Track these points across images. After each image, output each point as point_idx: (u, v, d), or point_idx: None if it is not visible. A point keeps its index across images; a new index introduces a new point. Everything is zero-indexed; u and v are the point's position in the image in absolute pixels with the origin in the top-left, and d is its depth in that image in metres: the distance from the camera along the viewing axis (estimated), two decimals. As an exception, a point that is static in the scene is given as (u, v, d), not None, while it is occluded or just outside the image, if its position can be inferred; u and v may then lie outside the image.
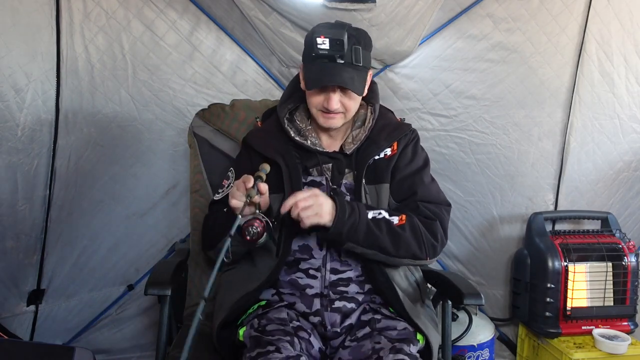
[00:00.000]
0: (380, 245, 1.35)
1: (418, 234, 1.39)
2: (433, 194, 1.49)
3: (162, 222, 2.26)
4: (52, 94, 1.93)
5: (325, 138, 1.52)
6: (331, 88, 1.38)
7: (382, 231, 1.36)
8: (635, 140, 2.32)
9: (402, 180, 1.48)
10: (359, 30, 1.41)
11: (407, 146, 1.52)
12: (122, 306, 2.30)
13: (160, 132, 2.14)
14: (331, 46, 1.32)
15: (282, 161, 1.44)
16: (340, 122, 1.44)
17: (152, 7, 2.01)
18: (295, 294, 1.41)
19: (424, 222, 1.42)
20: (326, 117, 1.43)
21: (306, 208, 1.28)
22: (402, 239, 1.37)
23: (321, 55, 1.34)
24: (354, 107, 1.44)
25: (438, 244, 1.42)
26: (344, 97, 1.40)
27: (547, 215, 2.28)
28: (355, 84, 1.37)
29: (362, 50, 1.37)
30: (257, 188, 1.23)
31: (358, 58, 1.36)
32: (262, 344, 1.23)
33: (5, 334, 1.93)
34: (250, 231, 1.21)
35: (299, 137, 1.49)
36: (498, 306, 2.44)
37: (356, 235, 1.33)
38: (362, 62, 1.37)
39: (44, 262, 2.07)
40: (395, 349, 1.23)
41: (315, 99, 1.43)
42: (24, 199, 1.94)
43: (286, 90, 1.58)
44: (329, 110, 1.40)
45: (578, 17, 2.16)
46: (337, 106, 1.40)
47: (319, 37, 1.32)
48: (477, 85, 2.20)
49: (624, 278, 2.16)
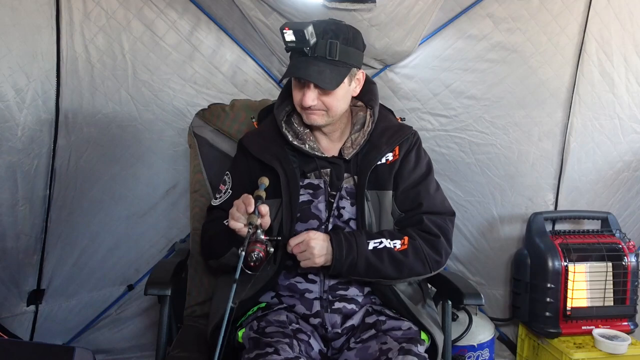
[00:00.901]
0: (383, 274, 1.36)
1: (421, 255, 1.38)
2: (438, 205, 1.46)
3: (162, 222, 2.25)
4: (52, 94, 1.93)
5: (323, 141, 1.48)
6: (306, 84, 1.34)
7: (384, 262, 1.35)
8: (635, 140, 2.32)
9: (407, 190, 1.45)
10: (341, 25, 1.36)
11: (409, 151, 1.48)
12: (122, 306, 2.30)
13: (160, 132, 2.14)
14: (295, 38, 1.28)
15: (279, 167, 1.41)
16: (322, 119, 1.39)
17: (152, 7, 2.01)
18: (294, 297, 1.41)
19: (427, 239, 1.40)
20: (306, 113, 1.39)
21: (299, 253, 1.32)
22: (405, 264, 1.36)
23: (290, 47, 1.32)
24: (335, 106, 1.38)
25: (442, 259, 1.41)
26: (321, 95, 1.35)
27: (547, 215, 2.28)
28: (324, 78, 1.31)
29: (339, 45, 1.32)
30: (257, 212, 1.20)
31: (333, 52, 1.31)
32: (260, 345, 1.23)
33: (5, 334, 1.93)
34: (252, 257, 1.18)
35: (297, 140, 1.45)
36: (498, 306, 2.44)
37: (356, 271, 1.34)
38: (337, 57, 1.32)
39: (44, 262, 2.07)
40: (404, 349, 1.23)
41: (295, 96, 1.40)
42: (24, 199, 1.94)
43: (281, 92, 1.53)
44: (303, 106, 1.37)
45: (578, 17, 2.16)
46: (313, 103, 1.35)
47: (284, 29, 1.29)
48: (477, 85, 2.20)
49: (624, 278, 2.16)
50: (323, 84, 1.31)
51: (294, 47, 1.31)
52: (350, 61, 1.36)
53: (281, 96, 1.51)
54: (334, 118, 1.41)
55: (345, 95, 1.40)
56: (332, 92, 1.35)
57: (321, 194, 1.42)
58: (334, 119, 1.42)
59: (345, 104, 1.42)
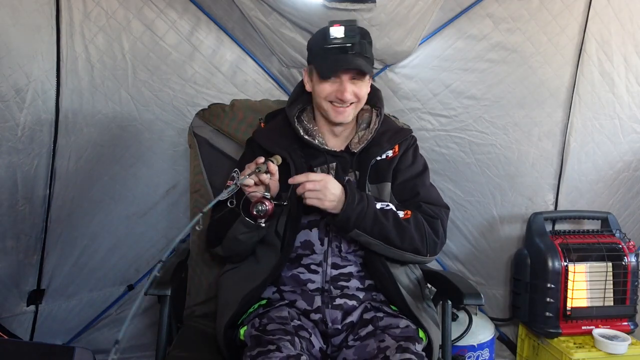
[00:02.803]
0: (386, 235, 1.39)
1: (421, 229, 1.44)
2: (434, 197, 1.55)
3: (162, 222, 2.26)
4: (52, 94, 1.93)
5: (331, 139, 1.55)
6: (345, 78, 1.42)
7: (389, 221, 1.40)
8: (635, 140, 2.32)
9: (405, 182, 1.53)
10: (363, 28, 1.48)
11: (407, 150, 1.57)
12: (122, 306, 2.31)
13: (160, 132, 2.14)
14: (346, 34, 1.38)
15: (289, 158, 1.46)
16: (351, 115, 1.48)
17: (152, 7, 2.01)
18: (296, 291, 1.43)
19: (426, 219, 1.47)
20: (338, 110, 1.46)
21: (312, 190, 1.33)
22: (407, 232, 1.41)
23: (334, 44, 1.39)
24: (364, 95, 1.48)
25: (438, 242, 1.47)
26: (354, 87, 1.44)
27: (547, 215, 2.28)
28: (369, 69, 1.44)
29: (367, 45, 1.45)
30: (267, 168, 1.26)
31: (366, 50, 1.43)
32: (262, 343, 1.23)
33: (5, 334, 1.93)
34: (258, 207, 1.22)
35: (307, 136, 1.52)
36: (498, 306, 2.44)
37: (364, 222, 1.36)
38: (369, 55, 1.45)
39: (44, 262, 2.07)
40: (401, 348, 1.24)
41: (327, 91, 1.45)
42: (24, 199, 1.94)
43: (293, 92, 1.62)
44: (342, 100, 1.43)
45: (578, 17, 2.16)
46: (351, 97, 1.43)
47: (332, 26, 1.38)
48: (477, 85, 2.20)
49: (624, 278, 2.16)
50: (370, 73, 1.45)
51: (340, 43, 1.39)
52: (373, 60, 1.50)
53: (293, 96, 1.60)
54: (358, 110, 1.51)
55: (368, 90, 1.50)
56: (364, 85, 1.46)
57: None
58: (356, 113, 1.51)
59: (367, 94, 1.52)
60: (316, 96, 1.49)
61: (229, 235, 1.43)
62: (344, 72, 1.41)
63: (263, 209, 1.23)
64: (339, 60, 1.40)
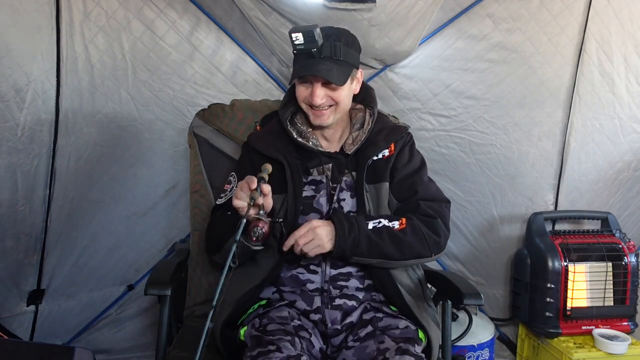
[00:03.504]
0: (385, 253, 1.38)
1: (419, 234, 1.42)
2: (433, 192, 1.54)
3: (162, 222, 2.26)
4: (52, 94, 1.93)
5: (324, 140, 1.55)
6: (315, 82, 1.42)
7: (384, 239, 1.38)
8: (635, 140, 2.32)
9: (403, 180, 1.52)
10: (342, 30, 1.46)
11: (403, 148, 1.57)
12: (122, 306, 2.30)
13: (160, 132, 2.14)
14: (304, 39, 1.37)
15: (284, 161, 1.47)
16: (330, 118, 1.47)
17: (152, 7, 2.01)
18: (295, 292, 1.43)
19: (424, 221, 1.45)
20: (315, 113, 1.47)
21: (307, 243, 1.33)
22: (405, 243, 1.40)
23: (299, 50, 1.39)
24: (343, 100, 1.46)
25: (441, 239, 1.46)
26: (328, 91, 1.43)
27: (547, 215, 2.28)
28: (333, 75, 1.39)
29: (342, 46, 1.41)
30: (260, 190, 1.24)
31: (337, 52, 1.40)
32: (262, 343, 1.23)
33: (5, 334, 1.93)
34: (255, 231, 1.22)
35: (300, 138, 1.52)
36: (498, 306, 2.44)
37: (359, 248, 1.36)
38: (342, 57, 1.41)
39: (44, 262, 2.07)
40: (401, 349, 1.24)
41: (302, 95, 1.46)
42: (24, 199, 1.94)
43: (285, 95, 1.62)
44: (313, 104, 1.44)
45: (578, 17, 2.16)
46: (322, 101, 1.43)
47: (293, 32, 1.38)
48: (477, 85, 2.20)
49: (624, 278, 2.16)
50: (333, 79, 1.40)
51: (303, 49, 1.39)
52: (351, 61, 1.45)
53: (285, 98, 1.60)
54: (340, 114, 1.49)
55: (349, 92, 1.49)
56: (339, 88, 1.43)
57: (323, 188, 1.47)
58: (340, 116, 1.50)
59: (349, 101, 1.51)
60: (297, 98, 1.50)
61: (226, 247, 1.42)
62: (314, 77, 1.41)
63: (260, 233, 1.23)
64: (302, 66, 1.41)
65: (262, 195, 1.25)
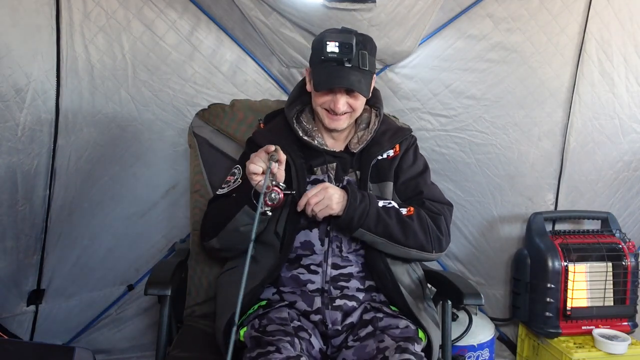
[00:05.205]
0: (390, 232, 1.40)
1: (425, 225, 1.45)
2: (437, 194, 1.57)
3: (162, 222, 2.25)
4: (52, 94, 1.93)
5: (330, 139, 1.56)
6: (338, 90, 1.43)
7: (392, 219, 1.41)
8: (635, 140, 2.32)
9: (407, 181, 1.54)
10: (365, 37, 1.47)
11: (408, 149, 1.59)
12: (122, 306, 2.30)
13: (160, 132, 2.14)
14: (340, 50, 1.37)
15: (289, 158, 1.47)
16: (345, 123, 1.49)
17: (152, 7, 2.01)
18: (296, 292, 1.42)
19: (430, 215, 1.48)
20: (332, 118, 1.47)
21: (317, 203, 1.36)
22: (411, 228, 1.42)
23: (330, 58, 1.38)
24: (360, 107, 1.49)
25: (443, 238, 1.48)
26: (349, 99, 1.45)
27: (547, 215, 2.28)
28: (362, 87, 1.42)
29: (368, 56, 1.42)
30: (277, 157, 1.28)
31: (364, 62, 1.41)
32: (262, 344, 1.23)
33: (5, 334, 1.93)
34: (271, 196, 1.26)
35: (306, 137, 1.53)
36: (498, 306, 2.44)
37: (367, 220, 1.38)
38: (368, 67, 1.42)
39: (44, 262, 2.07)
40: (400, 348, 1.24)
41: (321, 100, 1.47)
42: (24, 199, 1.94)
43: (292, 93, 1.63)
44: (335, 112, 1.45)
45: (578, 17, 2.16)
46: (344, 108, 1.45)
47: (329, 41, 1.37)
48: (477, 85, 2.20)
49: (624, 278, 2.16)
50: (362, 91, 1.42)
51: (335, 57, 1.38)
52: (373, 69, 1.48)
53: (292, 97, 1.60)
54: (353, 119, 1.52)
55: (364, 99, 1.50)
56: (360, 96, 1.45)
57: None
58: (352, 120, 1.52)
59: (364, 105, 1.52)
60: (313, 100, 1.51)
61: (228, 227, 1.42)
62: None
63: (276, 197, 1.27)
64: (332, 75, 1.40)
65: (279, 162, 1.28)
